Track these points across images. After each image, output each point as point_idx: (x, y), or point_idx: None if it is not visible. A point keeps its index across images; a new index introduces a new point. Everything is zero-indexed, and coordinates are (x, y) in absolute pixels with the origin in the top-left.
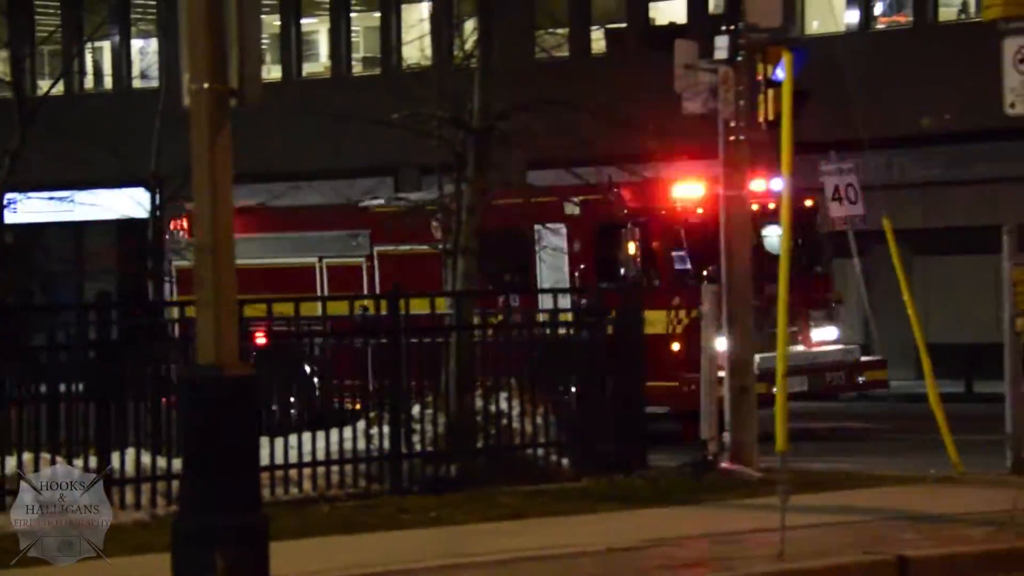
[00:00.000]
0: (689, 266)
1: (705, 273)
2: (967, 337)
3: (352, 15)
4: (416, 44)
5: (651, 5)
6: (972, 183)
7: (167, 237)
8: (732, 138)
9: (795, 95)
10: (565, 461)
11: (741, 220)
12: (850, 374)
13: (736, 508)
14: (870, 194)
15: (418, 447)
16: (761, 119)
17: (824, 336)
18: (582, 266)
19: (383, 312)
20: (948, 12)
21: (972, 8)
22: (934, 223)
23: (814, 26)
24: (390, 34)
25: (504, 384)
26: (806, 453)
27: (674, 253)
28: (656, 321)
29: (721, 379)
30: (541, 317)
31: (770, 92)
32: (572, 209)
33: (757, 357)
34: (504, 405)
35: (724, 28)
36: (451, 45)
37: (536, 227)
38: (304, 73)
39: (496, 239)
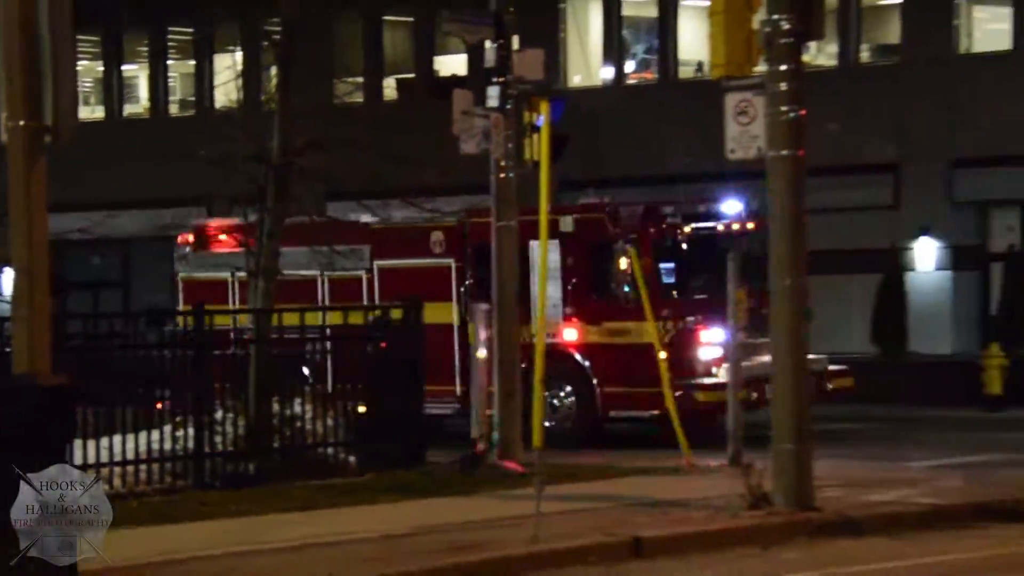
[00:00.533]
0: (675, 280)
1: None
2: None
3: (169, 62)
4: (226, 88)
5: (436, 58)
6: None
7: (174, 251)
8: (502, 175)
9: (555, 139)
10: (352, 459)
11: (510, 247)
12: (819, 382)
13: (500, 498)
14: None
15: (220, 447)
16: (527, 158)
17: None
18: (574, 280)
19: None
20: (686, 71)
21: (706, 67)
22: None
23: (576, 80)
24: (203, 79)
25: (298, 391)
26: (571, 448)
27: (661, 268)
28: (645, 332)
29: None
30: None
31: (534, 136)
32: (567, 226)
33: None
34: (298, 410)
35: (496, 80)
36: (257, 90)
37: (531, 243)
38: (125, 113)
39: (490, 254)
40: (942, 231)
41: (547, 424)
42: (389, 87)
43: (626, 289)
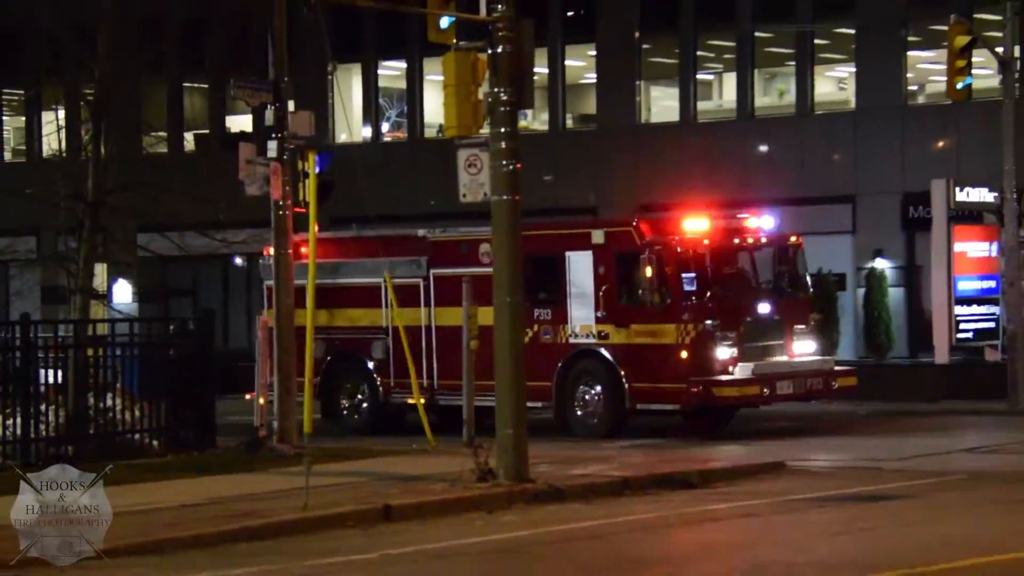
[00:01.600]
0: (696, 287)
1: (707, 293)
2: None
3: (4, 117)
4: (50, 139)
5: (227, 117)
6: None
7: (260, 261)
8: (280, 212)
9: (323, 184)
10: (156, 443)
11: (286, 271)
12: (826, 380)
13: (277, 475)
14: None
15: (44, 433)
16: (300, 199)
17: (804, 349)
18: (605, 286)
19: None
20: (430, 131)
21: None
22: None
23: (341, 137)
24: (32, 132)
25: (112, 387)
26: (337, 435)
27: (683, 276)
28: (666, 333)
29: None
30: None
31: (306, 181)
32: (599, 239)
33: (751, 365)
34: (111, 402)
35: (274, 136)
36: (76, 141)
37: (567, 254)
38: None
39: (532, 264)
40: None
41: (578, 414)
42: (188, 140)
43: (651, 294)
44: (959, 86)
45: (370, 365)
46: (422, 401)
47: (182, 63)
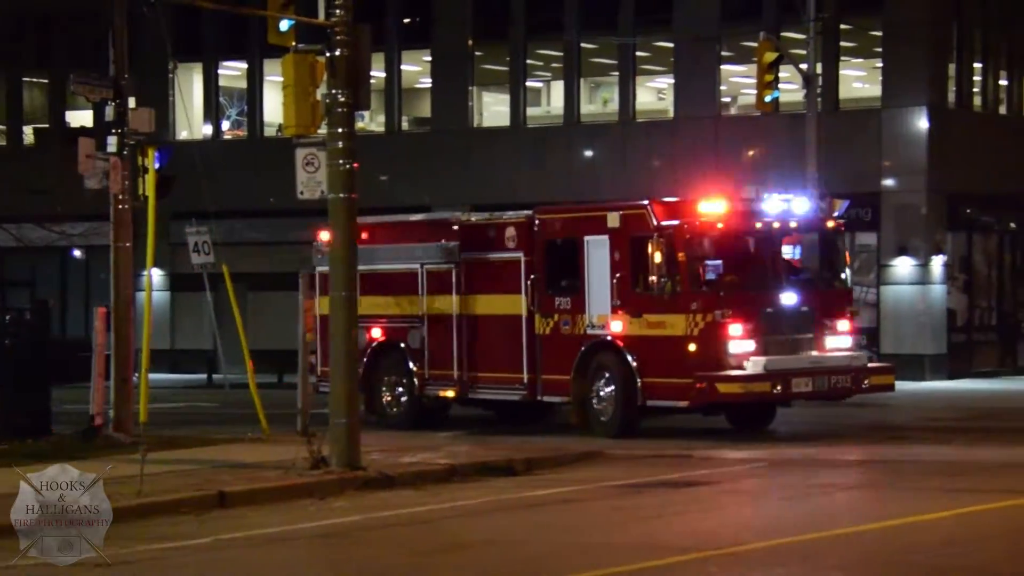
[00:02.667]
0: (711, 274)
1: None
2: (282, 345)
3: None
4: None
5: (68, 112)
6: (286, 243)
7: (313, 245)
8: (120, 206)
9: (163, 179)
10: None
11: (126, 263)
12: (856, 378)
13: (114, 461)
14: (220, 248)
15: None
16: (140, 194)
17: (837, 344)
18: (619, 274)
19: None
20: (270, 130)
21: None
22: (263, 269)
23: (182, 134)
24: None
25: None
26: (175, 424)
27: (696, 262)
28: (676, 324)
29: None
30: None
31: (146, 177)
32: (614, 222)
33: (764, 360)
34: None
35: (114, 131)
36: None
37: (585, 239)
38: None
39: (555, 249)
40: None
41: (595, 409)
42: (28, 134)
43: (660, 281)
44: (767, 99)
45: (407, 356)
46: (254, 384)
47: (22, 58)
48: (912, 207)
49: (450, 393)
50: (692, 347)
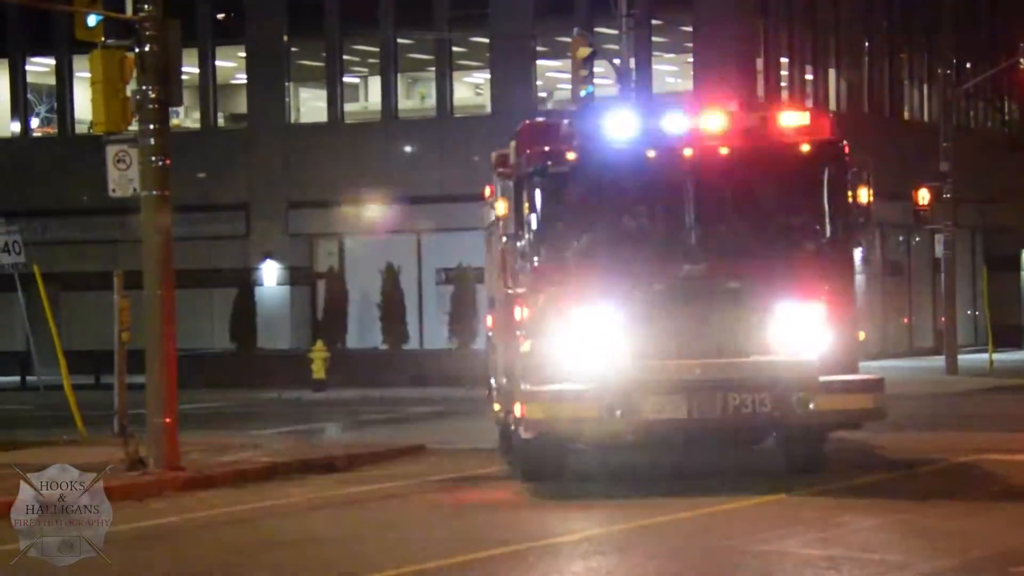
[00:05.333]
0: (574, 229)
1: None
2: (99, 345)
3: None
4: None
5: None
6: (100, 242)
7: (483, 208)
8: None
9: None
10: None
11: None
12: (782, 399)
13: None
14: (32, 248)
15: None
16: None
17: (784, 341)
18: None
19: None
20: (82, 127)
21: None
22: (76, 268)
23: None
24: None
25: None
26: None
27: (551, 211)
28: (515, 309)
29: None
30: None
31: None
32: (497, 159)
33: (613, 366)
34: None
35: None
36: None
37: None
38: None
39: None
40: (281, 256)
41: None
42: None
43: (512, 243)
44: (582, 93)
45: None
46: (69, 385)
47: None
48: None
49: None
50: (525, 345)
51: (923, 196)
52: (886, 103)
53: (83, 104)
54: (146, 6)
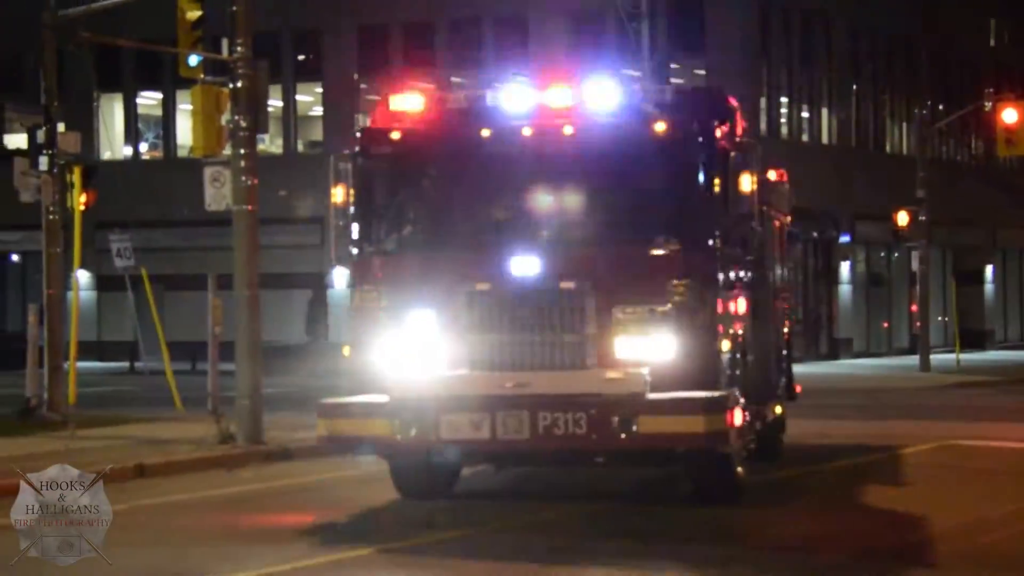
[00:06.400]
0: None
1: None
2: (195, 337)
3: None
4: None
5: (5, 136)
6: (197, 249)
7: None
8: (51, 216)
9: (88, 193)
10: None
11: (56, 266)
12: (603, 420)
13: (45, 438)
14: (140, 253)
15: None
16: (69, 206)
17: (622, 351)
18: None
19: None
20: (183, 151)
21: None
22: (176, 271)
23: (106, 155)
24: None
25: None
26: (100, 406)
27: (370, 198)
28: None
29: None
30: None
31: (74, 191)
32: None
33: (410, 379)
34: None
35: (45, 152)
36: None
37: None
38: None
39: None
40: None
41: None
42: None
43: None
44: None
45: None
46: (170, 370)
47: None
48: None
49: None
50: (345, 350)
51: (902, 218)
52: (870, 138)
53: (184, 132)
54: (239, 48)
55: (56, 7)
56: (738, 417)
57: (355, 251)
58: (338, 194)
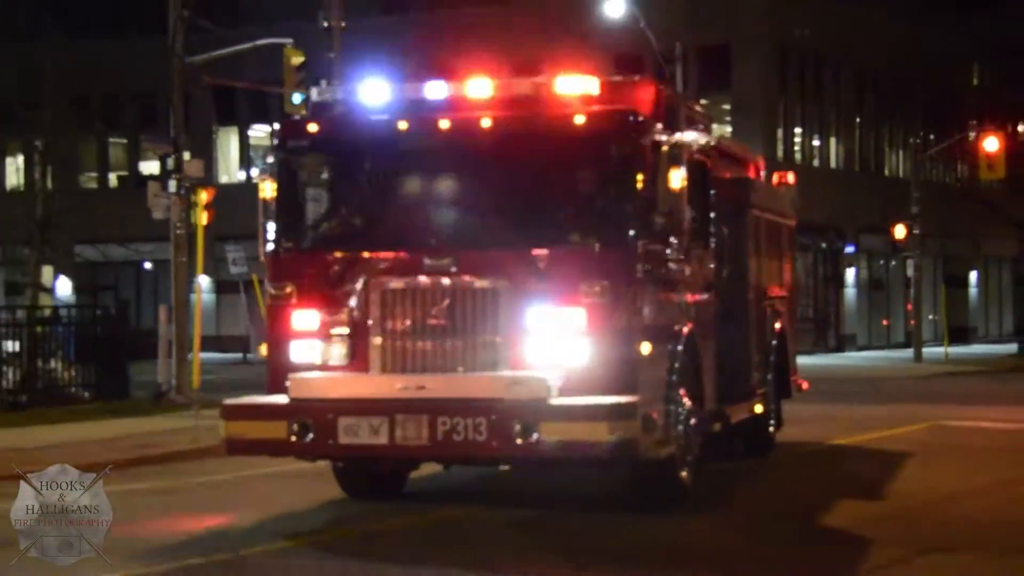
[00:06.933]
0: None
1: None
2: None
3: None
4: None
5: (140, 163)
6: None
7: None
8: (178, 231)
9: (210, 212)
10: (86, 394)
11: (182, 273)
12: (501, 426)
13: (176, 417)
14: (252, 262)
15: (4, 386)
16: (193, 222)
17: (532, 354)
18: None
19: None
20: None
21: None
22: None
23: (223, 179)
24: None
25: (55, 354)
26: (220, 391)
27: (295, 192)
28: None
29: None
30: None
31: (197, 209)
32: None
33: (314, 378)
34: (54, 365)
35: (174, 176)
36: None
37: None
38: None
39: None
40: None
41: None
42: (112, 179)
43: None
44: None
45: None
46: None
47: (107, 125)
48: None
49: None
50: (263, 348)
51: (899, 231)
52: (872, 163)
53: None
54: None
55: (183, 55)
56: (653, 423)
57: (270, 247)
58: (265, 189)
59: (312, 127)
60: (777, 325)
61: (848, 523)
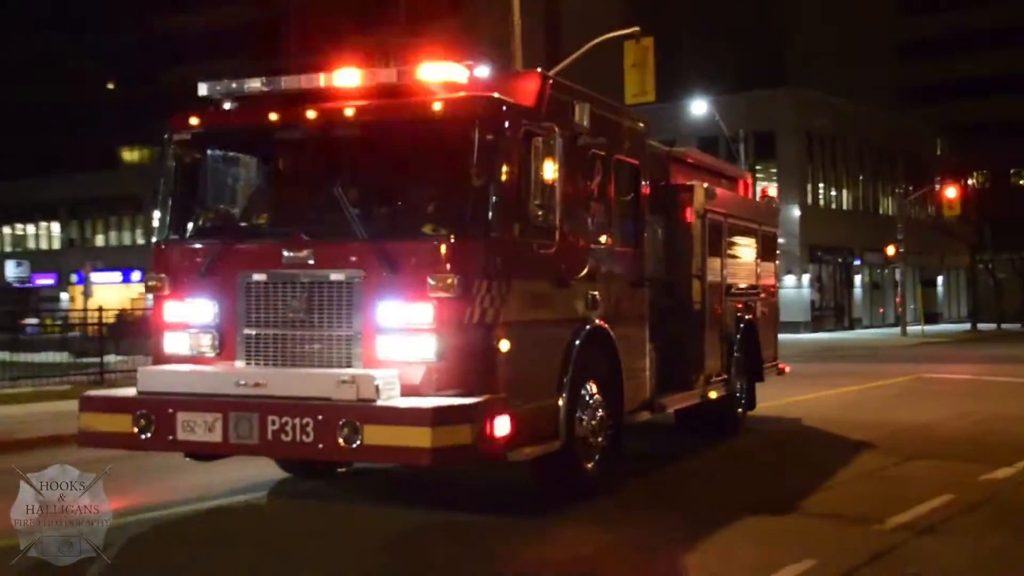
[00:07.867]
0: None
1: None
2: None
3: None
4: None
5: None
6: None
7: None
8: None
9: None
10: None
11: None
12: (327, 426)
13: None
14: None
15: None
16: None
17: (357, 352)
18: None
19: None
20: None
21: None
22: None
23: None
24: None
25: None
26: None
27: (184, 188)
28: None
29: None
30: None
31: None
32: None
33: (166, 371)
34: None
35: None
36: None
37: None
38: None
39: None
40: None
41: None
42: None
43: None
44: None
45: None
46: None
47: None
48: (792, 251)
49: None
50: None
51: (890, 250)
52: (871, 205)
53: None
54: None
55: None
56: (503, 426)
57: (154, 239)
58: (160, 180)
59: (193, 120)
60: (747, 318)
61: (853, 442)
